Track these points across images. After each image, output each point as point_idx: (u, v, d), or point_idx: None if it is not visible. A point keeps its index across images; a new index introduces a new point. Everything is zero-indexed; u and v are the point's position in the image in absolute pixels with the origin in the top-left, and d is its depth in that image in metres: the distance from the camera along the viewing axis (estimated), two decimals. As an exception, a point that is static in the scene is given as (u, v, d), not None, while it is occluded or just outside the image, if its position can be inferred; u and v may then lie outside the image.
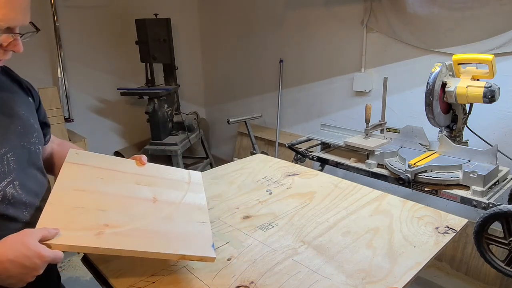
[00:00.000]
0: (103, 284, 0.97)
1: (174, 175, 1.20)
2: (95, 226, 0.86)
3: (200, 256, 0.91)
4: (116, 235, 0.86)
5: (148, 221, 0.95)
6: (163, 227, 0.95)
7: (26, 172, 0.92)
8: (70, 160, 1.04)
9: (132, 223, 0.92)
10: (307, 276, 0.94)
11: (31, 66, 3.02)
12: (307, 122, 3.28)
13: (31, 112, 1.00)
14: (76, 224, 0.85)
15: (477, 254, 1.77)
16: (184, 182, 1.19)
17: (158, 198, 1.05)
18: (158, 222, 0.96)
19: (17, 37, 0.83)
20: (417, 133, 1.89)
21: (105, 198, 0.97)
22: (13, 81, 0.99)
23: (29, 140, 0.94)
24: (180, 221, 1.01)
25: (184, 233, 0.97)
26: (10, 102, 0.93)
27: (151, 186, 1.09)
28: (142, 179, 1.10)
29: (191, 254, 0.90)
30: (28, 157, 0.94)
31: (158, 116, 3.31)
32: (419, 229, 1.15)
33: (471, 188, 1.57)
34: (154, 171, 1.16)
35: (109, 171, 1.07)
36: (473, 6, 2.14)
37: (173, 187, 1.14)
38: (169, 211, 1.02)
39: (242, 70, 3.79)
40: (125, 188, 1.04)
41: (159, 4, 3.57)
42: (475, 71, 1.75)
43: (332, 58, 2.97)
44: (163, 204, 1.04)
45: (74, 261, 2.53)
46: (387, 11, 2.52)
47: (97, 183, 1.00)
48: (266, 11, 3.39)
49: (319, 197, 1.37)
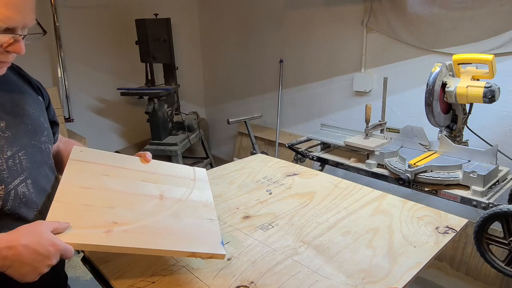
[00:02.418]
0: (103, 284, 0.97)
1: (179, 172, 1.19)
2: (104, 223, 0.85)
3: (211, 253, 0.90)
4: (125, 233, 0.85)
5: (156, 218, 0.94)
6: (171, 224, 0.94)
7: (39, 171, 0.93)
8: (74, 157, 1.03)
9: (140, 220, 0.91)
10: (307, 276, 0.94)
11: (31, 66, 2.99)
12: (307, 122, 3.28)
13: (41, 111, 1.00)
14: (85, 222, 0.83)
15: (477, 254, 1.76)
16: (189, 179, 1.18)
17: (164, 195, 1.04)
18: (166, 219, 0.95)
19: (19, 38, 0.81)
20: (417, 133, 1.89)
21: (112, 195, 0.96)
22: (23, 81, 1.00)
23: (39, 139, 0.95)
24: (188, 218, 0.99)
25: (193, 230, 0.96)
26: (20, 101, 0.93)
27: (157, 183, 1.08)
28: (148, 176, 1.09)
29: (202, 251, 0.89)
30: (39, 156, 0.94)
31: (158, 116, 3.31)
32: (419, 229, 1.15)
33: (471, 188, 1.57)
34: (159, 168, 1.15)
35: (114, 168, 1.06)
36: (473, 6, 2.14)
37: (179, 184, 1.13)
38: (176, 208, 1.01)
39: (242, 70, 3.79)
40: (131, 185, 1.03)
41: (159, 4, 3.57)
42: (475, 71, 1.75)
43: (332, 58, 2.97)
44: (170, 201, 1.03)
45: (74, 261, 2.53)
46: (387, 11, 2.52)
47: (103, 180, 0.99)
48: (266, 11, 3.39)
49: (319, 197, 1.37)
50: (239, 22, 3.68)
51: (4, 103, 0.89)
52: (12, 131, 0.87)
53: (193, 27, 4.10)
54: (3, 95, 0.90)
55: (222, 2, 3.80)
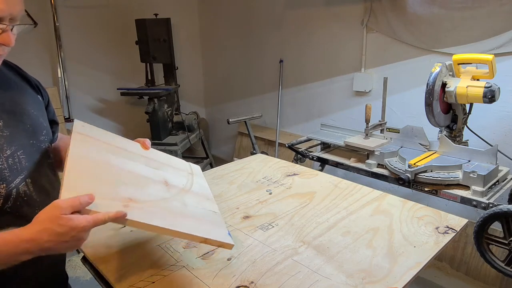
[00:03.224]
0: (103, 284, 0.97)
1: (177, 164, 1.18)
2: (120, 198, 0.81)
3: (221, 241, 0.88)
4: (142, 211, 0.81)
5: (167, 202, 0.91)
6: (181, 210, 0.92)
7: (38, 170, 0.92)
8: (78, 130, 0.96)
9: (152, 201, 0.88)
10: (307, 276, 0.94)
11: (31, 66, 3.01)
12: (307, 122, 3.28)
13: (40, 110, 0.99)
14: (101, 195, 0.77)
15: (477, 254, 1.76)
16: (187, 172, 1.17)
17: (168, 183, 1.02)
18: (176, 205, 0.93)
19: (7, 29, 0.78)
20: (417, 133, 1.89)
21: (121, 173, 0.91)
22: (22, 80, 0.99)
23: (38, 138, 0.94)
24: (194, 207, 0.98)
25: (201, 218, 0.94)
26: (19, 100, 0.93)
27: (159, 170, 1.05)
28: (150, 162, 1.06)
29: (213, 238, 0.87)
30: (38, 155, 0.94)
31: (158, 116, 3.31)
32: (419, 229, 1.15)
33: (471, 188, 1.57)
34: (159, 156, 1.13)
35: (118, 148, 1.02)
36: (473, 6, 2.14)
37: (179, 175, 1.11)
38: (182, 196, 0.99)
39: (242, 70, 3.79)
40: (137, 167, 0.99)
41: (159, 4, 3.57)
42: (475, 71, 1.75)
43: (332, 58, 2.96)
44: (174, 189, 1.01)
45: (74, 261, 2.53)
46: (387, 11, 2.52)
47: (109, 157, 0.94)
48: (266, 11, 3.39)
49: (319, 197, 1.37)
50: (239, 22, 3.68)
51: (3, 102, 0.89)
52: (11, 130, 0.87)
53: (193, 27, 4.10)
54: (2, 94, 0.89)
55: (222, 2, 3.80)
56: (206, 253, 1.04)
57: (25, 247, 0.70)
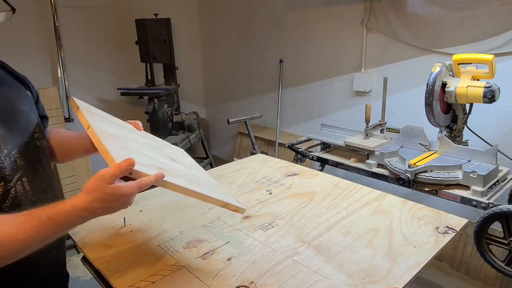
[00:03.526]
0: (103, 284, 0.97)
1: (169, 146, 1.19)
2: (152, 164, 0.85)
3: (237, 206, 0.96)
4: (171, 176, 0.85)
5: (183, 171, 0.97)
6: (197, 180, 0.97)
7: (34, 169, 0.91)
8: (84, 107, 0.95)
9: (173, 170, 0.92)
10: (307, 276, 0.94)
11: (31, 66, 3.02)
12: (307, 122, 3.28)
13: (31, 107, 0.98)
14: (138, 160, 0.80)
15: (477, 254, 1.76)
16: (180, 154, 1.19)
17: (174, 159, 1.04)
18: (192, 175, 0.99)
19: None
20: (417, 133, 1.89)
21: (139, 146, 0.95)
22: (10, 76, 0.97)
23: (32, 136, 0.93)
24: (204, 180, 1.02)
25: (213, 188, 1.00)
26: (10, 98, 0.91)
27: (160, 148, 1.07)
28: (149, 142, 1.07)
29: (231, 203, 0.94)
30: (34, 152, 0.93)
31: (158, 116, 3.30)
32: (419, 229, 1.15)
33: (471, 188, 1.57)
34: (153, 138, 1.14)
35: (121, 127, 1.03)
36: (473, 6, 2.14)
37: (177, 153, 1.14)
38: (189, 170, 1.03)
39: (242, 70, 3.79)
40: (144, 141, 1.02)
41: (159, 4, 3.57)
42: (475, 71, 1.75)
43: (332, 58, 2.97)
44: (181, 165, 1.04)
45: (74, 261, 2.53)
46: (387, 11, 2.52)
47: (122, 133, 0.96)
48: (266, 11, 3.39)
49: (319, 197, 1.37)
50: (239, 22, 3.68)
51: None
52: (5, 129, 0.86)
53: (193, 27, 4.10)
54: None
55: (222, 2, 3.80)
56: (206, 253, 1.04)
57: (81, 215, 0.77)
